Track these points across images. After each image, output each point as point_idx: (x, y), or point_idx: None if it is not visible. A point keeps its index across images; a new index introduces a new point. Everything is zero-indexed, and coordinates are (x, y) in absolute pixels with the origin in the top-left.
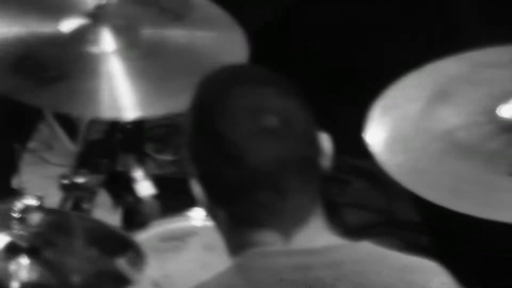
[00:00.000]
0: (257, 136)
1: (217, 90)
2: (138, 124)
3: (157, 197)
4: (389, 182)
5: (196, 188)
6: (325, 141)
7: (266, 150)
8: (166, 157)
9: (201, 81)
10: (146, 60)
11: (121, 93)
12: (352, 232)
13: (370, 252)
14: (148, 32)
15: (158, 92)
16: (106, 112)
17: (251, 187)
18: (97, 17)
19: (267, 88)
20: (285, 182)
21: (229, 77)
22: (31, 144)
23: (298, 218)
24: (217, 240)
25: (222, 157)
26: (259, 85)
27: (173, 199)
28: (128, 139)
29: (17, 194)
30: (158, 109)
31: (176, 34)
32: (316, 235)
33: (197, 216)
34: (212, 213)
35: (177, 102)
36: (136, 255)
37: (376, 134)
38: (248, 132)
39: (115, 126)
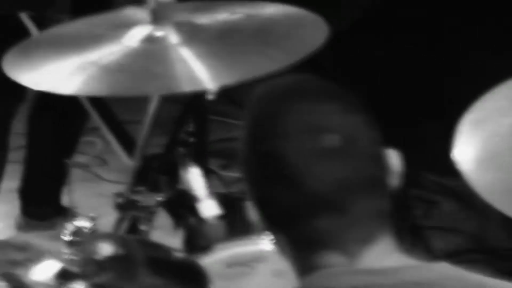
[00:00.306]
0: (317, 157)
1: (272, 106)
2: (201, 138)
3: (222, 218)
4: (480, 203)
5: (252, 211)
6: (393, 159)
7: (326, 172)
8: (233, 173)
9: (256, 95)
10: (213, 44)
11: (196, 69)
12: (438, 258)
13: (448, 273)
14: (212, 20)
15: (231, 63)
16: (185, 86)
17: (310, 212)
18: (157, 20)
19: (328, 104)
20: (348, 206)
21: (286, 91)
22: (84, 159)
23: (363, 239)
24: (287, 265)
25: (278, 179)
26: (319, 100)
27: (240, 220)
28: (190, 154)
29: (68, 214)
30: (233, 77)
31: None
32: (385, 256)
33: (266, 240)
34: (273, 236)
35: (250, 68)
36: None
37: (465, 151)
38: (306, 153)
39: (176, 140)
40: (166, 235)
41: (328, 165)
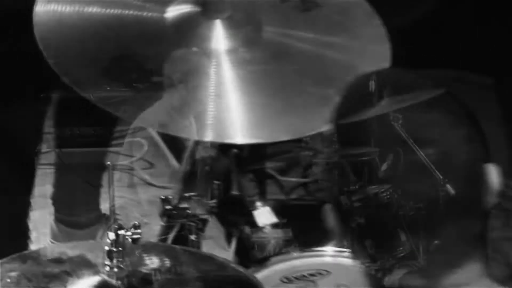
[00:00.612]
0: (407, 171)
1: (362, 107)
2: None
3: (280, 227)
4: None
5: (330, 215)
6: (493, 175)
7: (415, 188)
8: (292, 179)
9: (347, 89)
10: (265, 66)
11: (232, 110)
12: None
13: None
14: (269, 31)
15: (278, 111)
16: (211, 135)
17: (393, 228)
18: (208, 7)
19: (430, 112)
20: (435, 227)
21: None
22: (128, 161)
23: (448, 263)
24: (352, 280)
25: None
26: (423, 109)
27: (300, 230)
28: (246, 157)
29: (109, 221)
30: (278, 134)
31: (304, 38)
32: (469, 281)
33: (329, 252)
34: (348, 243)
35: (304, 125)
36: None
37: None
38: (396, 165)
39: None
40: (218, 245)
41: (418, 182)
